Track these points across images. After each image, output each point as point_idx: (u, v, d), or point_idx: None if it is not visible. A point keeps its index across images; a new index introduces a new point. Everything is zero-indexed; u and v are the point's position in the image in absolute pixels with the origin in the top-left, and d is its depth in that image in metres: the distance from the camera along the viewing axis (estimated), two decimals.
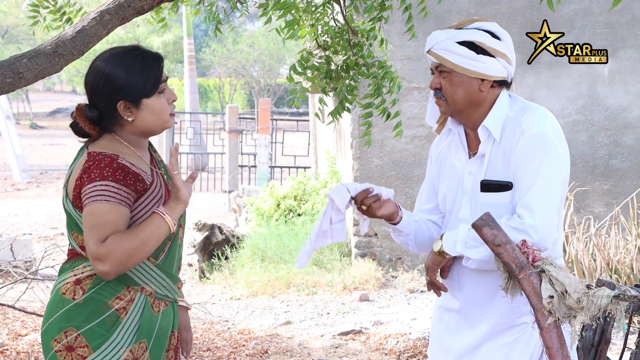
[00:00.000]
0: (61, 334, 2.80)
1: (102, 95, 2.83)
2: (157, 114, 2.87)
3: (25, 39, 35.44)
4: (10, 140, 19.39)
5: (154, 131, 2.90)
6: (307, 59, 4.55)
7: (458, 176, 3.09)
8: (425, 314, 7.45)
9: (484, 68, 2.95)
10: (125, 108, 2.83)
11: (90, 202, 2.73)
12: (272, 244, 9.07)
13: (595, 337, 3.22)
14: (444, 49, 2.96)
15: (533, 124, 2.93)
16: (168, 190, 2.92)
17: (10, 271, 8.62)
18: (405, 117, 8.74)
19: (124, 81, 2.81)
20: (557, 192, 2.91)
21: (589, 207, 8.77)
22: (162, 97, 2.88)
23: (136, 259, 2.75)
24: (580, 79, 8.80)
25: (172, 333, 2.98)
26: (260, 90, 36.60)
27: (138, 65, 2.84)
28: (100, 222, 2.72)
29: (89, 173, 2.76)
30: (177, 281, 2.96)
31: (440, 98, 3.03)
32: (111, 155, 2.78)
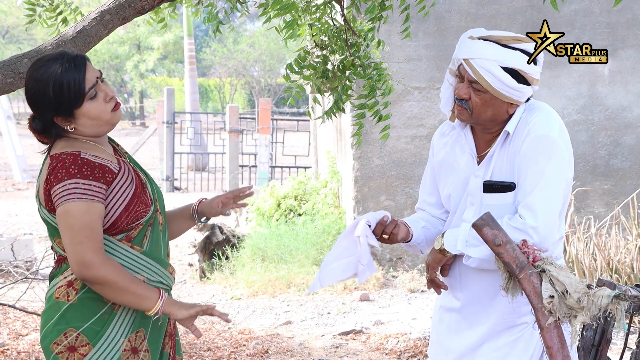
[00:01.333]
0: (60, 336, 2.81)
1: (38, 111, 2.83)
2: (95, 118, 2.83)
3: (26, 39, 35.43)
4: (11, 140, 19.39)
5: (100, 132, 2.87)
6: (304, 58, 4.55)
7: (464, 177, 3.09)
8: (425, 313, 7.45)
9: (519, 96, 2.92)
10: (62, 120, 2.82)
11: (63, 202, 2.73)
12: (272, 243, 9.07)
13: (595, 337, 3.22)
14: (487, 70, 2.89)
15: (540, 125, 2.92)
16: (140, 177, 2.92)
17: (11, 271, 8.62)
18: (406, 117, 8.74)
19: (50, 98, 2.78)
20: (560, 193, 2.91)
21: (589, 207, 8.77)
22: (95, 100, 2.82)
23: (111, 292, 2.76)
24: (581, 79, 8.80)
25: (168, 320, 3.00)
26: (261, 90, 36.59)
27: (58, 81, 2.77)
28: (79, 224, 2.72)
29: (55, 174, 2.75)
30: (167, 266, 2.96)
31: (465, 109, 2.97)
32: (73, 153, 2.77)
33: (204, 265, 9.24)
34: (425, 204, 3.27)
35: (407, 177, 8.82)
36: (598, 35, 8.73)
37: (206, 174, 19.35)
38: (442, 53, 8.68)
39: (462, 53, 2.95)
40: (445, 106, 3.14)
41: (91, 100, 2.82)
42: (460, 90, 2.97)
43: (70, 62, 2.80)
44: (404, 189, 8.85)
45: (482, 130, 3.05)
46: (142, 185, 2.90)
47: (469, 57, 2.92)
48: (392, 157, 8.81)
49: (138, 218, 2.85)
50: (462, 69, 2.97)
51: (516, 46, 2.91)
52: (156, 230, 2.94)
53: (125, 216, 2.82)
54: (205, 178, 18.77)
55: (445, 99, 3.13)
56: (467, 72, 2.93)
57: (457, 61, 2.99)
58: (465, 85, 2.96)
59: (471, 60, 2.91)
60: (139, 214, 2.85)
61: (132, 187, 2.85)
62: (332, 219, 9.63)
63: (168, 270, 2.96)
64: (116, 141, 3.05)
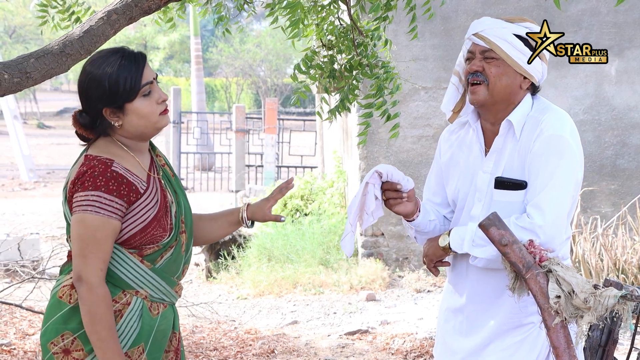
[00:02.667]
0: (58, 337, 2.80)
1: (89, 102, 2.81)
2: (144, 117, 2.82)
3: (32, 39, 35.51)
4: (18, 140, 19.42)
5: (146, 133, 2.86)
6: (311, 58, 4.55)
7: (471, 173, 3.08)
8: (431, 313, 7.44)
9: (531, 68, 2.95)
10: (112, 114, 2.80)
11: (80, 211, 2.73)
12: (278, 243, 9.07)
13: (602, 337, 3.22)
14: (500, 37, 2.93)
15: (552, 125, 2.92)
16: (165, 195, 2.89)
17: (18, 270, 8.64)
18: (412, 117, 8.74)
19: (103, 88, 2.77)
20: (569, 194, 2.91)
21: (596, 207, 8.76)
22: (147, 99, 2.82)
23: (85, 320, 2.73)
24: (587, 79, 8.79)
25: (173, 334, 2.97)
26: (267, 90, 36.61)
27: (116, 71, 2.78)
28: (89, 238, 2.72)
29: (82, 180, 2.74)
30: (174, 285, 2.94)
31: (479, 83, 2.96)
32: (105, 162, 2.75)
33: (210, 265, 9.25)
34: (430, 202, 3.27)
35: (413, 177, 8.80)
36: (605, 35, 8.71)
37: (212, 174, 19.37)
38: (448, 53, 8.68)
39: (473, 29, 2.99)
40: (447, 105, 3.15)
41: (144, 98, 2.81)
42: (472, 64, 2.98)
43: (130, 56, 2.82)
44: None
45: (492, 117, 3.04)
46: (165, 209, 2.87)
47: (479, 30, 2.97)
48: (399, 156, 8.81)
49: (153, 241, 2.84)
50: (472, 46, 2.99)
51: (522, 24, 2.97)
52: (177, 251, 2.92)
53: (140, 237, 2.81)
54: (211, 178, 18.79)
55: (448, 98, 3.14)
56: (479, 44, 2.96)
57: (467, 42, 3.01)
58: (477, 59, 2.98)
59: (482, 32, 2.96)
60: (155, 238, 2.83)
61: (154, 210, 2.82)
62: (339, 218, 9.63)
63: (174, 289, 2.95)
64: (158, 149, 3.03)
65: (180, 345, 3.04)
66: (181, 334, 3.11)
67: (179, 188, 2.99)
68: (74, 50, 3.63)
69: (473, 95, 2.99)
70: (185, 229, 2.97)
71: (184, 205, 2.98)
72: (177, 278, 2.95)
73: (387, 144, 8.76)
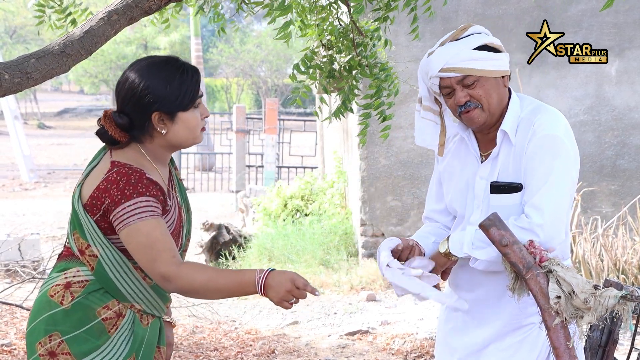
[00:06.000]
0: (46, 337, 2.75)
1: (138, 105, 2.76)
2: (190, 129, 2.81)
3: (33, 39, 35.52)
4: (18, 140, 19.43)
5: (183, 145, 2.85)
6: (310, 58, 4.55)
7: (468, 181, 3.09)
8: (432, 314, 7.45)
9: (504, 65, 2.95)
10: (160, 120, 2.77)
11: (135, 221, 2.68)
12: (279, 244, 9.08)
13: (602, 337, 3.22)
14: (466, 59, 2.90)
15: (545, 125, 2.92)
16: (180, 214, 2.88)
17: (18, 271, 8.64)
18: (412, 118, 8.73)
19: (162, 92, 2.75)
20: (567, 193, 2.91)
21: (596, 208, 8.76)
22: (196, 111, 2.82)
23: (203, 295, 2.71)
24: (588, 79, 8.79)
25: (158, 349, 2.94)
26: (268, 90, 36.62)
27: (178, 78, 2.77)
28: (151, 241, 2.68)
29: (121, 190, 2.69)
30: (167, 301, 2.92)
31: (473, 108, 2.94)
32: (138, 170, 2.72)
33: (211, 265, 9.26)
34: (434, 212, 3.26)
35: (413, 178, 8.81)
36: (605, 36, 8.72)
37: (213, 174, 19.37)
38: None
39: (435, 68, 2.94)
40: (432, 142, 3.14)
41: (194, 110, 2.81)
42: (456, 98, 2.95)
43: (190, 67, 2.82)
44: (411, 189, 8.84)
45: (483, 131, 3.05)
46: (179, 228, 2.87)
47: (443, 65, 2.92)
48: (399, 157, 8.81)
49: None
50: (445, 81, 2.95)
51: (466, 34, 2.96)
52: None
53: None
54: (212, 178, 18.80)
55: (430, 135, 3.13)
56: (451, 76, 2.92)
57: (434, 83, 2.97)
58: (458, 90, 2.94)
59: (447, 65, 2.92)
60: None
61: (172, 228, 2.81)
62: (339, 219, 9.63)
63: (166, 305, 2.93)
64: (175, 164, 3.01)
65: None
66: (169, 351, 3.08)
67: (188, 209, 2.98)
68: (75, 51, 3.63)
69: (471, 121, 2.97)
70: (187, 248, 2.97)
71: (189, 224, 2.97)
72: (169, 294, 2.93)
73: (387, 144, 8.77)
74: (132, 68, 2.81)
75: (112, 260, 2.76)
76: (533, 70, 8.63)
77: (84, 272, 2.78)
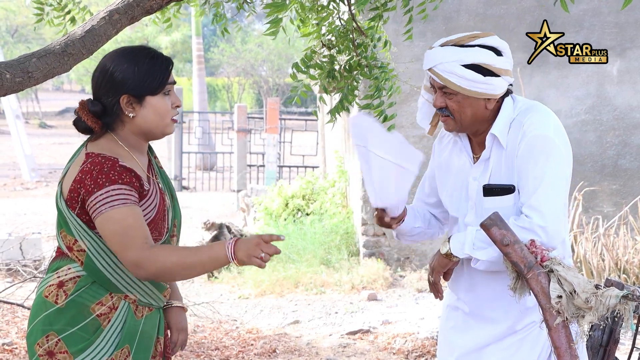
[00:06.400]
0: (43, 337, 2.77)
1: (107, 88, 2.80)
2: (159, 114, 2.83)
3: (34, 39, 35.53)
4: (20, 140, 19.43)
5: (154, 133, 2.86)
6: (310, 58, 4.55)
7: (462, 181, 3.10)
8: (433, 313, 7.44)
9: (491, 89, 2.93)
10: (128, 103, 2.80)
11: (107, 209, 2.69)
12: (280, 243, 9.05)
13: (603, 337, 3.22)
14: (450, 72, 2.91)
15: (535, 126, 2.92)
16: (163, 199, 2.88)
17: (20, 270, 8.65)
18: (413, 117, 8.72)
19: (130, 75, 2.78)
20: (562, 191, 2.92)
21: (597, 207, 8.75)
22: (166, 99, 2.84)
23: (177, 276, 2.70)
24: (589, 79, 8.78)
25: (157, 340, 2.94)
26: (269, 89, 36.62)
27: (146, 63, 2.81)
28: (124, 229, 2.69)
29: (94, 179, 2.71)
30: (164, 290, 2.92)
31: (447, 116, 2.99)
32: (111, 158, 2.74)
33: None
34: (424, 203, 3.31)
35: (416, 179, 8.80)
36: (607, 35, 8.71)
37: (214, 174, 19.37)
38: None
39: (426, 64, 2.99)
40: (423, 120, 3.16)
41: (164, 96, 2.83)
42: (435, 100, 3.00)
43: (161, 55, 2.86)
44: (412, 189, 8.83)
45: (472, 133, 3.07)
46: (163, 212, 2.87)
47: (432, 66, 2.95)
48: None
49: None
50: (431, 80, 3.00)
51: (473, 43, 2.93)
52: None
53: None
54: (213, 177, 18.79)
55: (423, 114, 3.15)
56: (435, 80, 2.96)
57: (426, 75, 3.02)
58: (438, 94, 2.99)
59: (434, 68, 2.94)
60: None
61: (154, 212, 2.82)
62: (340, 218, 9.63)
63: (163, 294, 2.93)
64: (155, 152, 3.02)
65: (168, 349, 3.02)
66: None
67: (175, 197, 2.99)
68: (76, 50, 3.63)
69: (445, 126, 3.04)
70: (176, 234, 2.96)
71: (177, 211, 2.98)
72: (166, 282, 2.93)
73: None
74: (105, 56, 2.87)
75: (99, 251, 2.78)
76: (534, 70, 8.63)
77: (75, 269, 2.79)
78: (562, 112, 8.63)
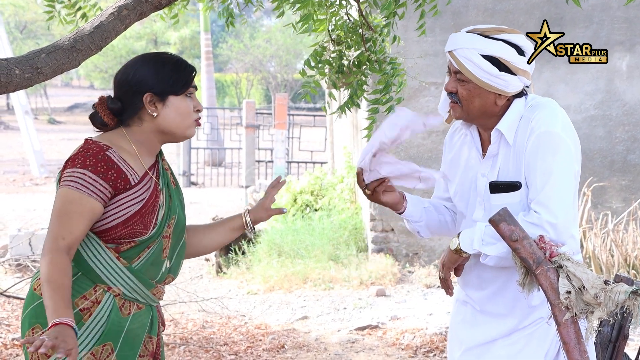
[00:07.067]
0: (29, 330, 2.80)
1: (131, 87, 2.84)
2: (181, 115, 2.85)
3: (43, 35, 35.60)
4: (29, 135, 19.47)
5: (174, 133, 2.87)
6: (320, 54, 4.55)
7: (471, 178, 3.10)
8: (441, 309, 7.44)
9: (504, 85, 2.93)
10: (151, 102, 2.82)
11: (63, 186, 2.74)
12: (288, 239, 9.08)
13: (613, 332, 3.21)
14: (467, 59, 2.92)
15: (542, 122, 2.92)
16: (156, 196, 2.87)
17: (29, 265, 8.67)
18: (423, 113, 8.73)
19: (154, 75, 2.83)
20: (571, 187, 2.92)
21: (606, 203, 8.73)
22: (189, 101, 2.87)
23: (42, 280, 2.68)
24: (598, 74, 8.76)
25: (149, 338, 2.93)
26: (277, 85, 36.62)
27: (171, 65, 2.86)
28: (63, 210, 2.71)
29: (74, 159, 2.77)
30: (151, 287, 2.90)
31: (455, 102, 3.00)
32: (102, 145, 2.78)
33: (221, 260, 9.27)
34: (439, 198, 3.31)
35: None
36: (616, 31, 8.68)
37: (222, 169, 19.38)
38: None
39: (447, 46, 3.00)
40: (442, 107, 3.16)
41: (186, 97, 2.87)
42: (447, 84, 3.02)
43: (186, 62, 2.91)
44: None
45: (481, 127, 3.06)
46: (153, 206, 2.85)
47: (452, 49, 2.97)
48: (409, 152, 8.80)
49: (132, 236, 2.81)
50: (449, 62, 3.02)
51: (497, 37, 2.94)
52: (156, 255, 2.88)
53: (121, 229, 2.79)
54: (221, 173, 18.80)
55: (442, 99, 3.16)
56: (452, 63, 2.98)
57: (447, 57, 3.03)
58: (452, 78, 3.00)
59: (454, 51, 2.96)
60: (134, 233, 2.81)
61: (139, 205, 2.81)
62: (349, 214, 9.63)
63: (152, 292, 2.90)
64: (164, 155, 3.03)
65: (159, 351, 2.99)
66: (162, 341, 3.04)
67: (177, 199, 2.98)
68: (85, 46, 3.63)
69: (452, 112, 3.04)
70: (172, 237, 2.94)
71: (177, 215, 2.96)
72: (156, 282, 2.91)
73: None
74: (129, 60, 2.93)
75: (84, 239, 2.80)
76: (543, 65, 8.61)
77: None
78: (572, 108, 8.61)
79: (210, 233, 3.14)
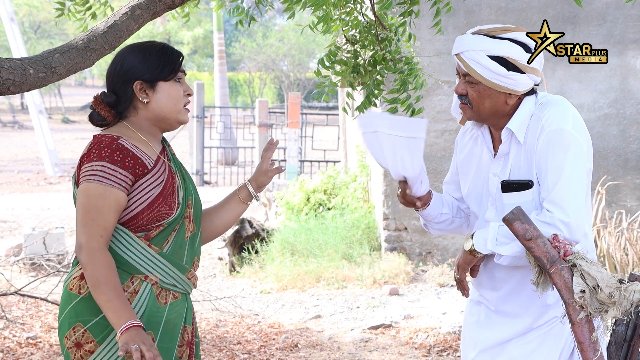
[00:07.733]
0: (70, 330, 2.81)
1: (120, 77, 2.89)
2: (172, 100, 2.89)
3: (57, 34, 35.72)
4: (43, 135, 19.54)
5: (168, 119, 2.91)
6: (334, 53, 4.55)
7: (483, 177, 3.09)
8: (455, 308, 7.43)
9: (513, 85, 2.92)
10: (141, 90, 2.87)
11: (84, 181, 2.77)
12: (301, 238, 9.08)
13: (627, 332, 3.20)
14: (474, 61, 2.92)
15: (553, 120, 2.92)
16: (172, 177, 2.91)
17: (43, 264, 8.70)
18: (435, 111, 8.72)
19: (142, 62, 2.87)
20: (583, 184, 2.91)
21: (620, 202, 8.70)
22: (179, 85, 2.92)
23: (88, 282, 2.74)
24: (612, 73, 8.72)
25: (185, 328, 2.95)
26: (290, 84, 36.63)
27: (158, 51, 2.91)
28: (90, 206, 2.74)
29: (89, 154, 2.80)
30: (186, 271, 2.93)
31: (465, 104, 3.00)
32: (112, 136, 2.82)
33: (234, 259, 9.28)
34: (450, 196, 3.30)
35: (436, 172, 8.79)
36: (630, 29, 8.65)
37: (236, 168, 19.40)
38: None
39: (454, 50, 3.01)
40: (455, 109, 3.16)
41: (175, 82, 2.92)
42: (457, 86, 3.02)
43: (171, 47, 2.97)
44: (434, 183, 8.82)
45: (492, 127, 3.06)
46: (172, 187, 2.89)
47: (459, 52, 2.97)
48: None
49: (159, 219, 2.85)
50: (457, 65, 3.01)
51: (504, 36, 2.93)
52: (181, 237, 2.92)
53: (147, 214, 2.82)
54: (234, 172, 18.83)
55: (454, 101, 3.15)
56: (460, 66, 2.98)
57: (455, 60, 3.03)
58: (461, 80, 3.00)
59: (461, 54, 2.96)
60: (161, 215, 2.84)
61: (160, 187, 2.85)
62: (362, 213, 9.63)
63: (187, 276, 2.94)
64: (168, 142, 3.06)
65: (194, 339, 3.02)
66: (196, 328, 3.07)
67: (190, 182, 3.01)
68: (98, 46, 3.65)
69: (463, 114, 3.04)
70: (193, 218, 2.98)
71: (193, 196, 3.00)
72: (186, 264, 2.94)
73: None
74: (117, 52, 2.98)
75: (113, 233, 2.82)
76: (557, 64, 8.58)
77: None
78: (585, 106, 8.58)
79: (219, 212, 3.17)
